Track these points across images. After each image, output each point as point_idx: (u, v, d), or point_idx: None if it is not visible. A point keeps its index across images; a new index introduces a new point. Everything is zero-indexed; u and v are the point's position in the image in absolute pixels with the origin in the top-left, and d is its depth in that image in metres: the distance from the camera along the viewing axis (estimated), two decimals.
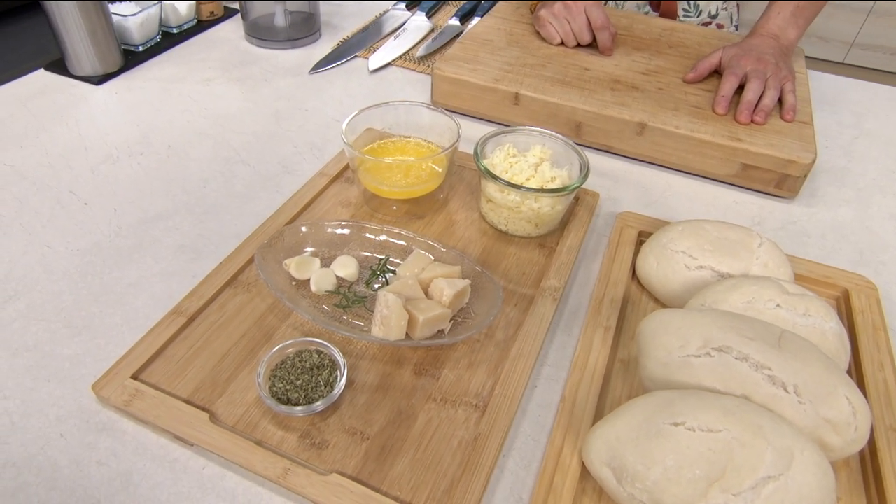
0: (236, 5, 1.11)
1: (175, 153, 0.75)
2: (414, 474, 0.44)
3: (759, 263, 0.56)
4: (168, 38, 0.99)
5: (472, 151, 0.64)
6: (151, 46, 0.97)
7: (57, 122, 0.79)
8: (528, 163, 0.64)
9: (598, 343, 0.53)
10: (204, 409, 0.46)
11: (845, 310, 0.59)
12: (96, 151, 0.75)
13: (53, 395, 0.49)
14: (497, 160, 0.65)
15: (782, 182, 0.73)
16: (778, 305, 0.50)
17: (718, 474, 0.38)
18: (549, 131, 0.67)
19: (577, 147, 0.65)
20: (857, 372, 0.53)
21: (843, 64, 2.90)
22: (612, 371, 0.53)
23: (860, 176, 0.80)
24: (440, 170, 0.65)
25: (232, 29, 1.05)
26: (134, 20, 0.92)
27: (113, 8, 0.94)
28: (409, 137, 0.70)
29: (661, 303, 0.59)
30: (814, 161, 0.71)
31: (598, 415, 0.48)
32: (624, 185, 0.76)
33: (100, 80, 0.88)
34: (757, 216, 0.72)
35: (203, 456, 0.45)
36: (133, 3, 0.97)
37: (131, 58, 0.93)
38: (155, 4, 0.94)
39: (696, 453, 0.39)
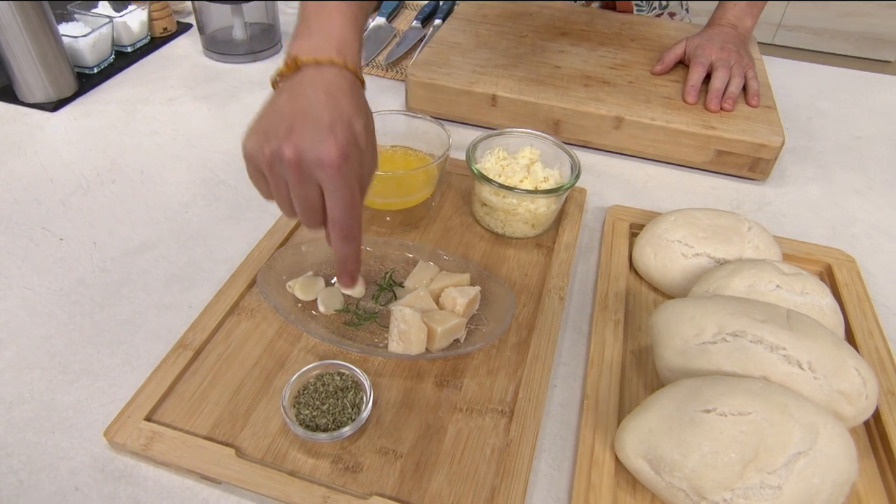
0: (190, 20, 1.07)
1: (149, 178, 0.72)
2: (453, 487, 0.44)
3: (750, 247, 0.58)
4: (122, 58, 0.95)
5: (457, 157, 0.64)
6: (105, 67, 0.92)
7: (14, 154, 0.75)
8: (520, 164, 0.65)
9: (610, 337, 0.54)
10: (228, 445, 0.45)
11: (830, 284, 0.62)
12: (63, 182, 0.71)
13: (61, 447, 0.46)
14: (489, 164, 0.65)
15: (755, 165, 0.76)
16: (778, 286, 0.52)
17: (752, 455, 0.40)
18: (537, 132, 0.68)
19: (566, 146, 0.66)
20: (850, 342, 0.56)
21: (772, 45, 3.05)
22: (626, 363, 0.54)
23: (821, 154, 0.85)
24: (433, 178, 0.65)
25: (188, 44, 1.01)
26: (86, 41, 0.87)
27: (62, 29, 0.89)
28: (396, 147, 0.69)
29: (660, 293, 0.61)
30: (783, 143, 0.74)
31: (622, 408, 0.49)
32: (606, 180, 0.77)
33: (54, 106, 0.84)
34: (735, 200, 0.75)
35: (233, 493, 0.44)
36: (81, 23, 0.92)
37: (85, 80, 0.89)
38: (107, 23, 0.90)
39: (729, 437, 0.40)
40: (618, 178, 0.78)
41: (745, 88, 0.81)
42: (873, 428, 0.49)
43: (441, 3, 1.15)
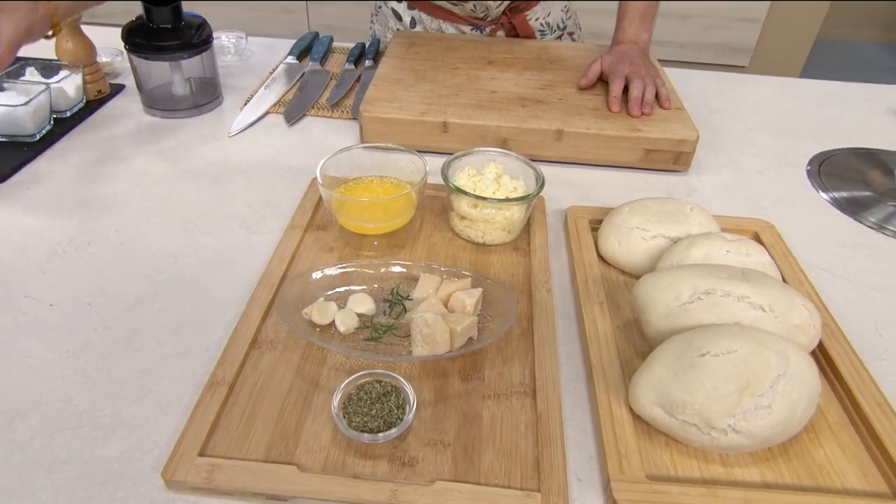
0: (121, 81, 1.07)
1: (127, 236, 0.73)
2: (501, 462, 0.49)
3: (695, 224, 0.69)
4: (61, 124, 0.94)
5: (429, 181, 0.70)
6: (45, 134, 0.91)
7: None
8: (489, 179, 0.72)
9: (599, 316, 0.62)
10: (287, 463, 0.47)
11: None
12: (36, 250, 0.70)
13: (116, 498, 0.47)
14: (462, 181, 0.72)
15: (678, 159, 0.88)
16: (728, 251, 0.62)
17: (745, 384, 0.48)
18: (498, 149, 0.76)
19: (527, 160, 0.74)
20: None
21: None
22: (616, 336, 0.61)
23: (725, 144, 0.99)
24: (413, 202, 0.70)
25: (127, 104, 1.01)
26: (25, 109, 0.86)
27: None
28: (372, 177, 0.74)
29: (628, 274, 0.70)
30: (698, 138, 0.87)
31: (624, 373, 0.57)
32: (556, 186, 0.86)
33: (2, 177, 0.82)
34: (666, 190, 0.87)
35: None
36: (13, 91, 0.90)
37: (28, 149, 0.87)
38: (44, 90, 0.89)
39: (725, 372, 0.48)
40: (566, 183, 0.87)
41: (656, 95, 0.94)
42: (819, 355, 0.60)
43: (367, 45, 1.22)
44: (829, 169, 0.94)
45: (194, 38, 0.96)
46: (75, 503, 0.46)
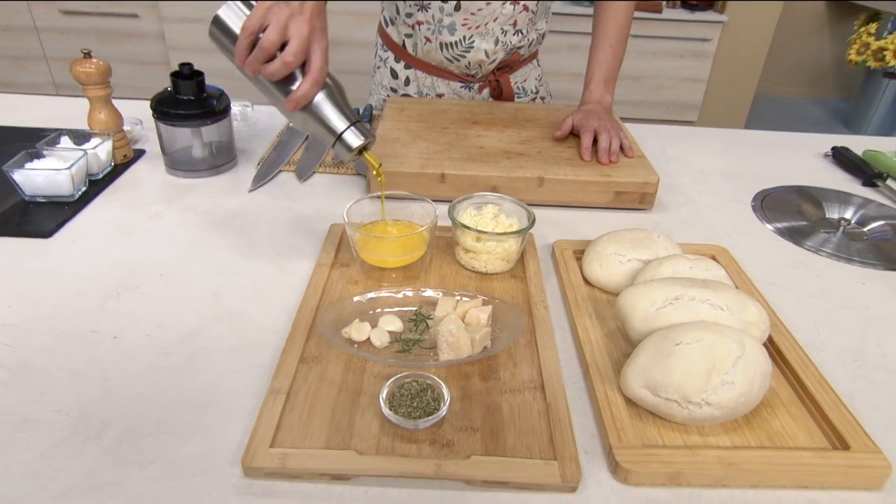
0: (140, 146, 1.19)
1: (171, 279, 0.82)
2: (522, 440, 0.59)
3: (662, 248, 0.82)
4: (94, 185, 1.04)
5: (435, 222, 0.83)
6: (81, 195, 1.01)
7: (27, 278, 0.81)
8: (488, 218, 0.85)
9: (590, 326, 0.74)
10: (346, 450, 0.57)
11: None
12: (92, 293, 0.79)
13: (200, 485, 0.55)
14: (466, 220, 0.84)
15: (643, 199, 1.03)
16: (691, 268, 0.75)
17: (712, 365, 0.60)
18: (494, 194, 0.89)
19: (519, 201, 0.87)
20: None
21: None
22: (604, 341, 0.73)
23: (682, 186, 1.15)
24: (425, 239, 0.82)
25: (151, 167, 1.12)
26: (69, 173, 0.96)
27: (37, 164, 0.98)
28: (388, 221, 0.86)
29: (609, 292, 0.82)
30: (658, 181, 1.02)
31: (614, 368, 0.68)
32: (542, 225, 0.99)
33: (47, 233, 0.91)
34: (635, 225, 1.01)
35: (360, 485, 0.56)
36: (53, 157, 1.01)
37: (67, 208, 0.97)
38: (83, 155, 1.00)
39: (696, 357, 0.60)
40: (550, 222, 1.00)
41: (621, 146, 1.09)
42: (771, 347, 0.72)
43: (361, 110, 1.37)
44: (771, 204, 1.11)
45: (215, 106, 1.08)
46: (168, 492, 0.54)
